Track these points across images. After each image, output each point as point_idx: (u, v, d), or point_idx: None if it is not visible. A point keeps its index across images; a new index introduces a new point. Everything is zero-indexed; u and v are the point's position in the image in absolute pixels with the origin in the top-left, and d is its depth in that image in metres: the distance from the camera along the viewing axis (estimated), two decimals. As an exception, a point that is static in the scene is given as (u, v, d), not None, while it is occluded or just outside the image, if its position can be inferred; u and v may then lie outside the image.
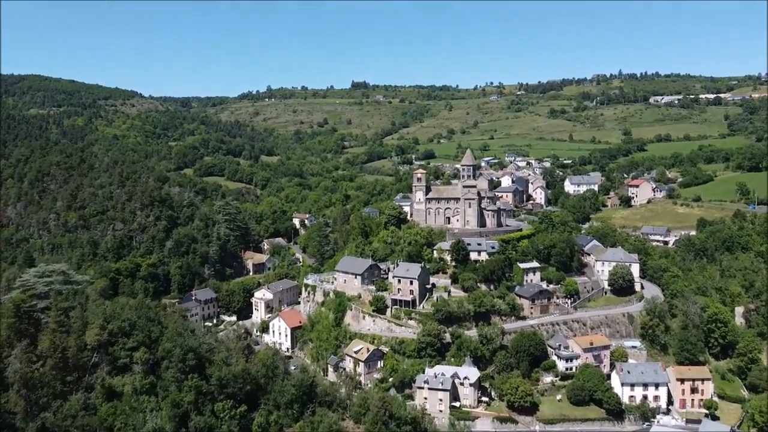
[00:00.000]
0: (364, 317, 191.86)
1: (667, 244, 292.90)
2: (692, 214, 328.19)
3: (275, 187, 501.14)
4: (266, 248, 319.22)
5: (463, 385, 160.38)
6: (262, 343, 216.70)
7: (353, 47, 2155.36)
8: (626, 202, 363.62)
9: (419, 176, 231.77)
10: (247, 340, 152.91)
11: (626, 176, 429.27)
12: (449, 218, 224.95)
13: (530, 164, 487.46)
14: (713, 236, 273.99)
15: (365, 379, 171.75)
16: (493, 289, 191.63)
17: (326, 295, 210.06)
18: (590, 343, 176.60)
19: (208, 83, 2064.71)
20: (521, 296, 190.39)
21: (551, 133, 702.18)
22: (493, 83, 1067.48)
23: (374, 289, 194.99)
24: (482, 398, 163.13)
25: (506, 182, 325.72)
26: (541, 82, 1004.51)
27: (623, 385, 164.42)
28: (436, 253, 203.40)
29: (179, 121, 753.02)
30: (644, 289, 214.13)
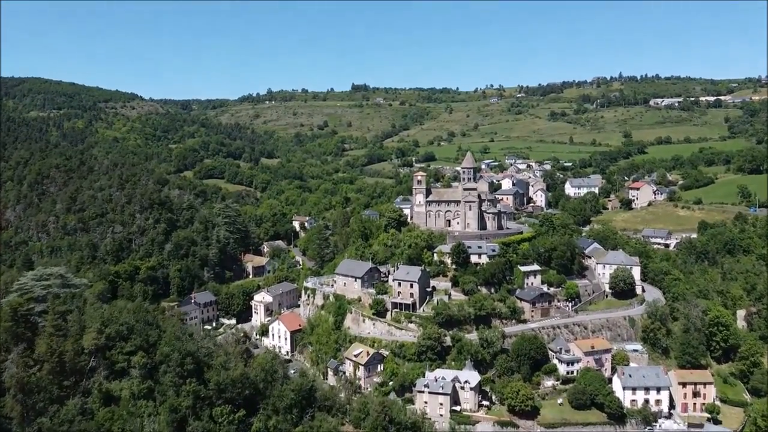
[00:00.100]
0: (364, 320, 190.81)
1: (668, 246, 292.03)
2: (693, 216, 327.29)
3: (275, 189, 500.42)
4: (266, 251, 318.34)
5: (463, 389, 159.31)
6: (261, 346, 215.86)
7: (353, 50, 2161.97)
8: (627, 204, 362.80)
9: (419, 179, 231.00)
10: (245, 344, 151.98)
11: (627, 179, 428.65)
12: (449, 221, 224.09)
13: (530, 167, 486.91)
14: (714, 239, 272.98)
15: (365, 382, 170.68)
16: (493, 292, 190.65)
17: (326, 298, 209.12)
18: (591, 346, 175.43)
19: (208, 86, 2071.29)
20: (522, 299, 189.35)
21: (551, 135, 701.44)
22: (493, 86, 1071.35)
23: (374, 292, 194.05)
24: (483, 402, 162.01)
25: (506, 185, 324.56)
26: (541, 84, 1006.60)
27: (625, 388, 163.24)
28: (436, 256, 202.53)
29: (179, 123, 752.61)
30: (645, 292, 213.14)
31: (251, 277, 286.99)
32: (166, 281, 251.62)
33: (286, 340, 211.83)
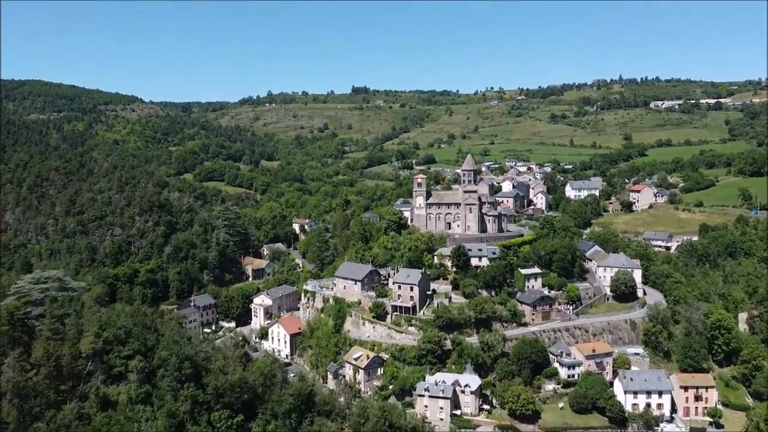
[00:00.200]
0: (363, 324, 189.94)
1: (669, 249, 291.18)
2: (694, 219, 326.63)
3: (275, 192, 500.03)
4: (266, 253, 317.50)
5: (464, 392, 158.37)
6: (261, 349, 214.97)
7: (354, 52, 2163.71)
8: (628, 207, 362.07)
9: (420, 181, 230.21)
10: (244, 347, 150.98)
11: (627, 181, 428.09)
12: (450, 223, 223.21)
13: (531, 169, 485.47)
14: (716, 242, 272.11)
15: (365, 386, 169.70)
16: (494, 295, 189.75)
17: (326, 301, 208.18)
18: (592, 350, 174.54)
19: (208, 88, 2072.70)
20: (522, 302, 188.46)
21: (552, 138, 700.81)
22: (493, 88, 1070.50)
23: (374, 295, 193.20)
24: (483, 406, 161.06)
25: (507, 187, 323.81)
26: (541, 87, 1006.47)
27: (626, 392, 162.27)
28: (436, 258, 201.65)
29: (179, 126, 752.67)
30: (647, 295, 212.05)
31: (251, 279, 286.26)
32: (165, 284, 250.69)
33: (285, 343, 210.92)
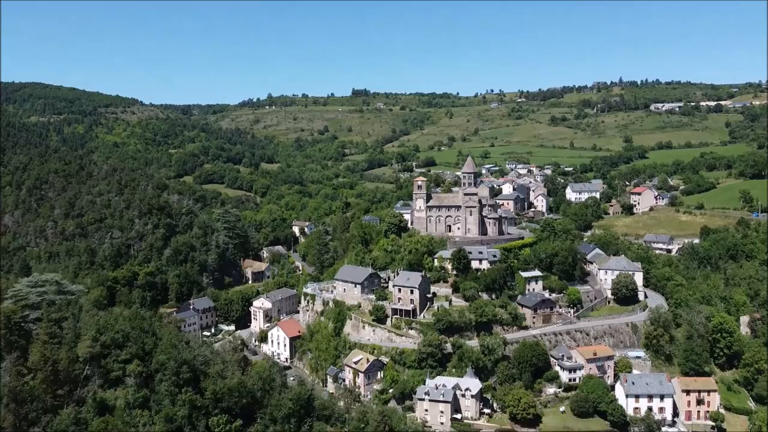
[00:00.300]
0: (363, 327, 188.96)
1: (670, 252, 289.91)
2: (695, 221, 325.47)
3: (275, 194, 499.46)
4: (265, 256, 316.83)
5: (464, 396, 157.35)
6: (260, 353, 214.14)
7: (354, 55, 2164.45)
8: (628, 209, 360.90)
9: (420, 184, 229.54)
10: (243, 351, 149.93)
11: (628, 184, 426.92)
12: (450, 226, 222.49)
13: (531, 172, 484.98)
14: (717, 244, 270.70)
15: (365, 390, 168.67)
16: (494, 298, 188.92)
17: (326, 304, 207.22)
18: (594, 353, 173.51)
19: (208, 91, 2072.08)
20: (523, 305, 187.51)
21: (552, 140, 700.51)
22: (493, 90, 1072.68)
23: (374, 298, 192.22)
24: (484, 410, 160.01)
25: (507, 190, 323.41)
26: (541, 89, 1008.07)
27: (628, 396, 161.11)
28: (436, 261, 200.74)
29: (179, 128, 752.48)
30: (648, 298, 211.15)
31: (250, 282, 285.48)
32: (164, 287, 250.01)
33: (285, 346, 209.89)
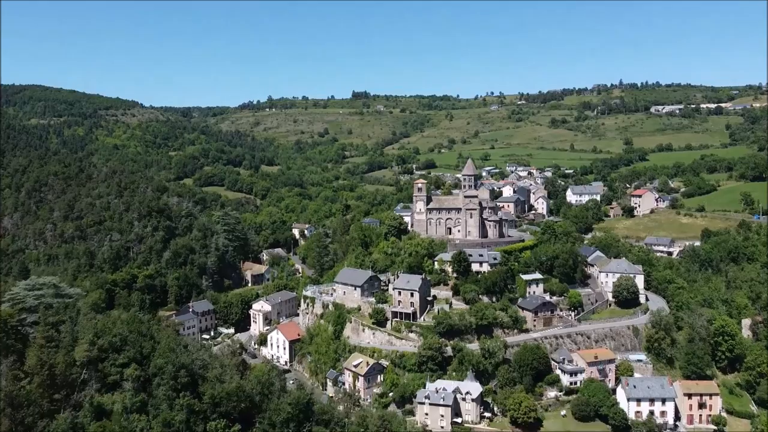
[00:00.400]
0: (363, 330, 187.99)
1: (671, 254, 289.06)
2: (696, 224, 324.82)
3: (275, 197, 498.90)
4: (265, 259, 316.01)
5: (465, 400, 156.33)
6: (260, 356, 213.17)
7: (354, 57, 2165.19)
8: (629, 212, 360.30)
9: (420, 186, 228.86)
10: (241, 355, 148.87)
11: (628, 186, 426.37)
12: (450, 229, 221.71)
13: (531, 174, 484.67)
14: (718, 247, 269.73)
15: (365, 393, 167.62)
16: (495, 301, 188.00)
17: (325, 307, 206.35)
18: (595, 356, 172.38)
19: (209, 93, 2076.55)
20: (524, 308, 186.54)
21: (552, 142, 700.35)
22: (493, 93, 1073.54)
23: (374, 301, 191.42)
24: (485, 414, 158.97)
25: (507, 192, 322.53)
26: (541, 91, 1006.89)
27: (629, 400, 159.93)
28: (437, 264, 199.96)
29: (180, 131, 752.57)
30: (649, 301, 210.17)
31: (250, 285, 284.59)
32: (164, 290, 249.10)
33: (284, 349, 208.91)
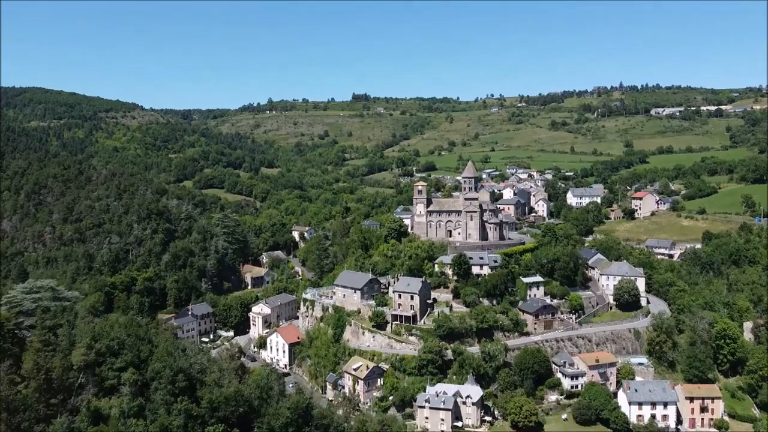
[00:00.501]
0: (363, 333, 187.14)
1: (672, 257, 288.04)
2: (697, 226, 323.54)
3: (275, 199, 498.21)
4: (265, 261, 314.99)
5: (465, 403, 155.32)
6: (259, 359, 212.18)
7: (354, 59, 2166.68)
8: (629, 214, 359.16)
9: (420, 188, 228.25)
10: (240, 359, 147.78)
11: (629, 188, 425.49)
12: (450, 231, 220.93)
13: (532, 176, 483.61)
14: (719, 249, 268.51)
15: (364, 397, 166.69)
16: (495, 304, 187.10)
17: (325, 310, 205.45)
18: (596, 360, 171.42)
19: (209, 95, 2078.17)
20: (525, 311, 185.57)
21: (552, 145, 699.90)
22: (493, 95, 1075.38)
23: (374, 304, 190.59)
24: (485, 417, 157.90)
25: (508, 194, 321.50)
26: (541, 94, 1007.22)
27: (631, 403, 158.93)
28: (437, 267, 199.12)
29: (180, 133, 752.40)
30: (650, 303, 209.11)
31: (250, 288, 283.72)
32: (163, 293, 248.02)
33: (284, 352, 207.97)
